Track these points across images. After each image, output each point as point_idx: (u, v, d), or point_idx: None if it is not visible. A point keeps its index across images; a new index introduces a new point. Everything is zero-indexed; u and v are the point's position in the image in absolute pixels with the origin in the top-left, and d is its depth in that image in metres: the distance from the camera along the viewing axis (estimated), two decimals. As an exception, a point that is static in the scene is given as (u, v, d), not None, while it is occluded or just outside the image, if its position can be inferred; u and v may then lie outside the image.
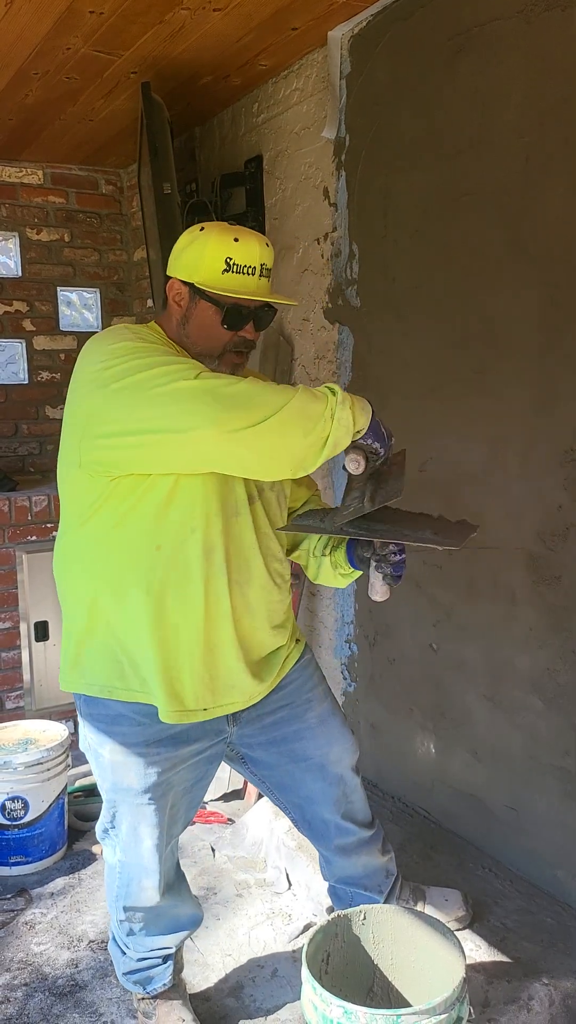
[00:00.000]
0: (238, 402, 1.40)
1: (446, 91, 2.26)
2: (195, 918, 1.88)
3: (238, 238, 1.58)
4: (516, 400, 2.15)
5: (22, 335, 3.89)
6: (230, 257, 1.57)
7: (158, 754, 1.65)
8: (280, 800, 1.91)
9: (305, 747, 1.81)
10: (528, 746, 2.21)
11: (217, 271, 1.57)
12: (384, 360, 2.60)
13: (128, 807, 1.69)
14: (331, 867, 1.96)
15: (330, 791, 1.85)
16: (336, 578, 1.80)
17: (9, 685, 3.29)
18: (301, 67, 2.82)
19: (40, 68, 2.73)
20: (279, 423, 1.39)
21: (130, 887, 1.75)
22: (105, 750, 1.67)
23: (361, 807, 1.92)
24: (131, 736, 1.65)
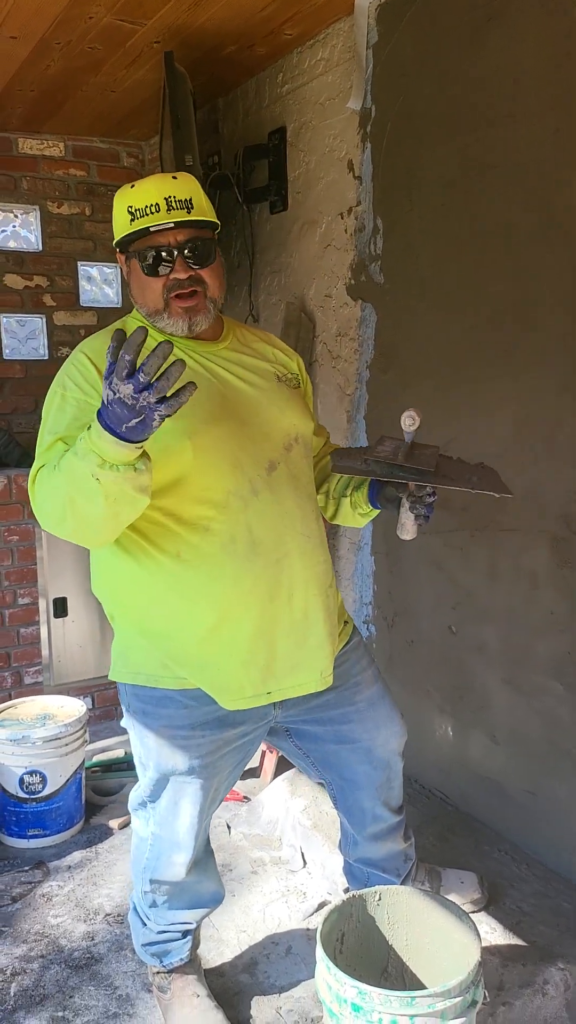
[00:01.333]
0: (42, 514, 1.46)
1: (475, 61, 2.20)
2: (217, 896, 1.88)
3: (135, 184, 1.57)
4: (542, 380, 2.11)
5: (42, 310, 3.87)
6: (130, 205, 1.56)
7: (203, 736, 1.64)
8: (323, 776, 1.88)
9: (352, 730, 1.78)
10: (547, 730, 2.19)
11: (126, 223, 1.56)
12: (407, 338, 2.56)
13: (172, 784, 1.69)
14: (355, 847, 1.94)
15: (374, 775, 1.82)
16: (355, 518, 1.77)
17: (28, 660, 3.31)
18: (327, 36, 2.76)
19: (62, 38, 2.69)
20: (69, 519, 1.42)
21: (160, 860, 1.75)
22: (150, 731, 1.66)
23: (398, 793, 1.90)
24: (178, 719, 1.64)
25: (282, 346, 1.82)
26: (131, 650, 1.67)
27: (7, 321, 3.81)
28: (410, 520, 1.61)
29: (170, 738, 1.64)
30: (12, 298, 3.80)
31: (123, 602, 1.66)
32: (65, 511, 1.40)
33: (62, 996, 1.93)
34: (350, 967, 1.61)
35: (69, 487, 1.37)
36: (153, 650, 1.63)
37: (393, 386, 2.63)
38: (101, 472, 1.31)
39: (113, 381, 1.24)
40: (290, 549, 1.60)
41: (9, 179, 3.75)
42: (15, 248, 3.81)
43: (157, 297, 1.58)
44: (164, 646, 1.62)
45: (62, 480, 1.38)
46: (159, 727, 1.65)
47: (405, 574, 2.66)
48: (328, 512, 1.83)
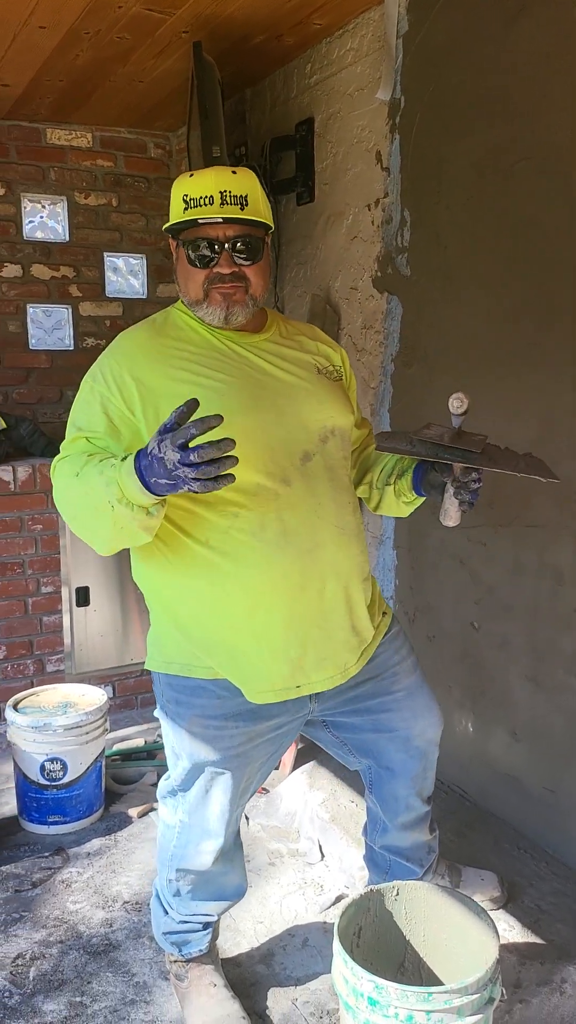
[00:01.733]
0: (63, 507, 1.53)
1: (506, 51, 2.17)
2: (240, 889, 1.88)
3: (193, 173, 1.59)
4: (565, 375, 2.08)
5: (68, 301, 3.89)
6: (186, 193, 1.57)
7: (236, 727, 1.65)
8: (360, 761, 1.88)
9: (391, 719, 1.78)
10: (569, 728, 2.17)
11: (180, 210, 1.58)
12: (433, 331, 2.54)
13: (204, 774, 1.70)
14: (383, 835, 1.94)
15: (411, 765, 1.83)
16: (399, 507, 1.75)
17: (50, 648, 3.33)
18: (356, 26, 2.74)
19: (91, 27, 2.69)
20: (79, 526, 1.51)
21: (187, 848, 1.76)
22: (184, 721, 1.67)
23: (431, 783, 1.91)
24: (210, 709, 1.64)
25: (326, 339, 1.83)
26: (165, 639, 1.68)
27: (33, 311, 3.82)
28: (454, 506, 1.59)
29: (203, 728, 1.65)
30: (39, 288, 3.82)
31: (157, 589, 1.67)
32: (76, 516, 1.52)
33: (80, 981, 1.95)
34: (367, 961, 1.61)
35: (84, 500, 1.45)
36: (185, 639, 1.64)
37: (417, 380, 2.62)
38: (117, 505, 1.39)
39: (166, 441, 1.29)
40: (323, 540, 1.60)
41: (37, 170, 3.76)
42: (42, 239, 3.82)
43: (198, 287, 1.59)
44: (195, 635, 1.62)
45: (79, 491, 1.46)
46: (192, 717, 1.65)
47: (427, 569, 2.65)
48: (372, 502, 1.82)
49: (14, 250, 3.75)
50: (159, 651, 1.69)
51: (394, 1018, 1.43)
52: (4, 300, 3.74)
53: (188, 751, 1.68)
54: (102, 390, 1.57)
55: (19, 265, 3.76)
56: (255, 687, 1.61)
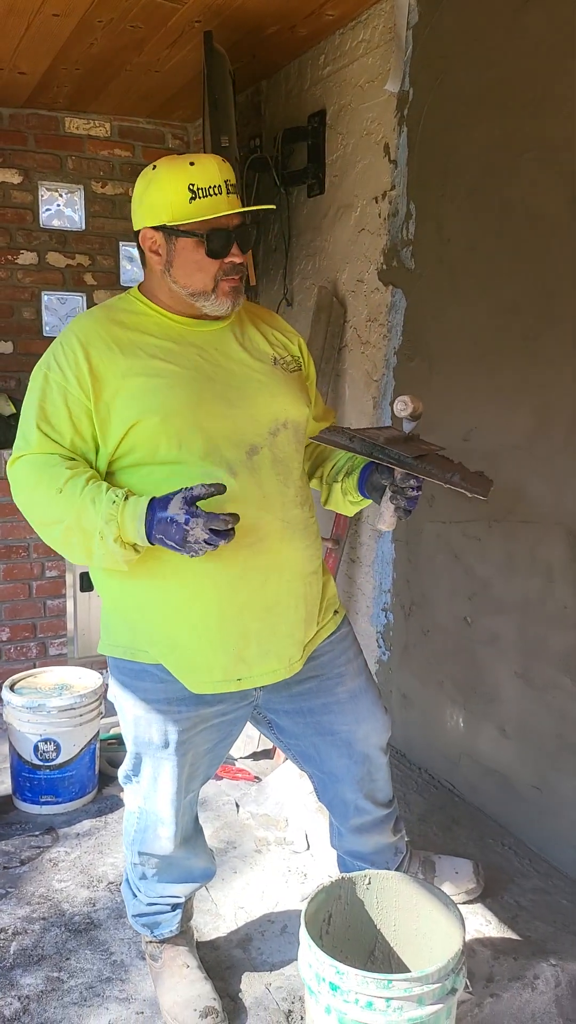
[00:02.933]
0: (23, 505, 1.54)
1: (513, 43, 2.16)
2: (208, 872, 1.90)
3: (193, 162, 1.54)
4: (565, 370, 2.07)
5: (83, 289, 3.92)
6: (192, 183, 1.52)
7: (179, 712, 1.65)
8: (304, 768, 1.89)
9: (332, 721, 1.76)
10: (557, 726, 2.16)
11: (184, 202, 1.53)
12: (435, 324, 2.53)
13: (149, 759, 1.71)
14: (341, 840, 1.95)
15: (355, 769, 1.80)
16: (345, 505, 1.75)
17: (54, 632, 3.37)
18: (368, 17, 2.74)
19: (104, 16, 2.71)
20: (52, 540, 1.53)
21: (146, 834, 1.78)
22: (128, 704, 1.68)
23: (383, 786, 1.87)
24: (153, 692, 1.65)
25: (284, 327, 1.79)
26: (111, 623, 1.69)
27: (48, 298, 3.86)
28: (389, 511, 1.59)
29: (146, 711, 1.66)
30: (54, 276, 3.86)
31: (104, 578, 1.67)
32: (51, 530, 1.52)
33: (59, 957, 1.98)
34: (336, 948, 1.62)
35: (67, 520, 1.49)
36: (128, 626, 1.65)
37: (419, 373, 2.61)
38: (109, 541, 1.45)
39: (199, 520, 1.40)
40: (267, 533, 1.58)
41: (55, 158, 3.80)
42: (59, 227, 3.86)
43: (208, 278, 1.57)
44: (135, 622, 1.63)
45: (62, 509, 1.49)
46: (136, 700, 1.66)
47: (423, 562, 2.64)
48: (322, 497, 1.81)
49: (30, 238, 3.79)
50: (107, 634, 1.70)
51: (354, 1003, 1.44)
52: (19, 287, 3.79)
53: (133, 735, 1.70)
54: (58, 379, 1.54)
55: (35, 253, 3.80)
56: (195, 678, 1.61)
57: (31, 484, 1.52)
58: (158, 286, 1.63)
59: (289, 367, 1.70)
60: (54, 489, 1.48)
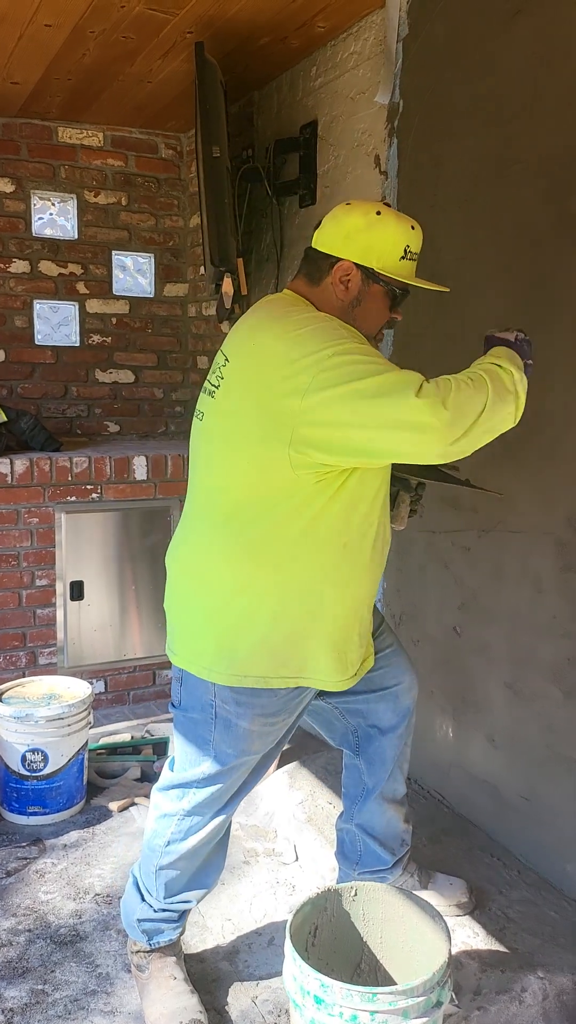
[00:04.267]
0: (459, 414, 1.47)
1: (502, 55, 2.17)
2: (218, 877, 1.92)
3: (414, 226, 1.67)
4: (554, 379, 2.07)
5: (76, 297, 3.92)
6: (408, 245, 1.65)
7: (283, 719, 1.75)
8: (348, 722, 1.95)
9: (383, 677, 1.90)
10: (545, 736, 2.15)
11: (396, 257, 1.64)
12: (426, 334, 2.53)
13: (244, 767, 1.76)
14: (362, 806, 1.98)
15: (397, 724, 1.93)
16: None
17: (43, 641, 3.36)
18: (359, 29, 2.75)
19: (96, 26, 2.72)
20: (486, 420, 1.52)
21: (190, 830, 1.78)
22: (244, 721, 1.69)
23: (408, 758, 2.01)
24: (270, 706, 1.70)
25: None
26: (239, 647, 1.65)
27: (40, 307, 3.87)
28: (406, 512, 1.85)
29: (260, 725, 1.71)
30: (46, 284, 3.86)
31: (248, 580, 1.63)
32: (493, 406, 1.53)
33: (44, 970, 1.96)
34: (322, 961, 1.61)
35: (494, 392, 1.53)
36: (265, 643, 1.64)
37: (410, 383, 2.61)
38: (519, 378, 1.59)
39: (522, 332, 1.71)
40: (385, 532, 1.75)
41: (48, 167, 3.80)
42: (51, 235, 3.86)
43: (379, 325, 1.72)
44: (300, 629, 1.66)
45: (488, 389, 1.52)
46: (252, 716, 1.69)
47: (413, 572, 2.64)
48: None
49: (23, 246, 3.79)
50: (229, 664, 1.65)
51: (339, 1017, 1.43)
52: (11, 295, 3.79)
53: (240, 748, 1.71)
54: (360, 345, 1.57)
55: (27, 261, 3.80)
56: (340, 677, 1.72)
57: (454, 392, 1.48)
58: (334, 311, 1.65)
59: None
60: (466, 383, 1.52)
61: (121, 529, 3.44)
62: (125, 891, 1.92)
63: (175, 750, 1.81)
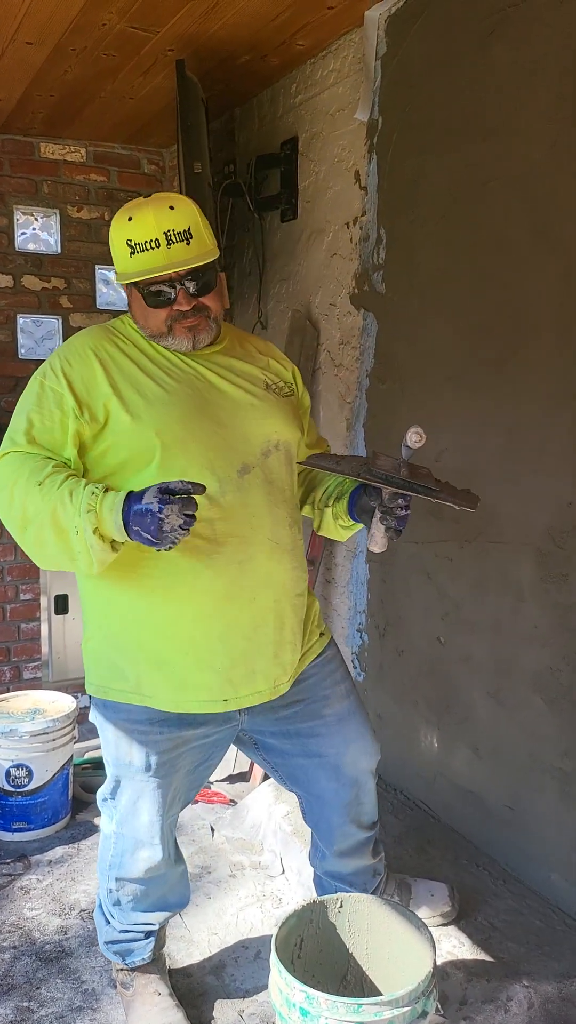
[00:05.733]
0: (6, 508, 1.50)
1: (478, 73, 2.20)
2: (183, 899, 1.89)
3: (132, 216, 1.57)
4: (534, 391, 2.10)
5: (59, 312, 3.93)
6: (129, 239, 1.56)
7: (161, 733, 1.65)
8: (292, 790, 1.89)
9: (319, 744, 1.76)
10: (529, 745, 2.17)
11: (126, 257, 1.59)
12: (406, 347, 2.56)
13: (129, 781, 1.70)
14: (323, 861, 1.93)
15: (342, 793, 1.80)
16: (337, 530, 1.78)
17: (28, 655, 3.35)
18: (339, 47, 2.79)
19: (77, 44, 2.74)
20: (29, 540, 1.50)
21: (123, 858, 1.76)
22: (110, 725, 1.68)
23: (369, 810, 1.87)
24: (136, 713, 1.65)
25: (279, 356, 1.85)
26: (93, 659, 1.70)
27: (23, 321, 3.87)
28: (380, 531, 1.60)
29: (128, 732, 1.65)
30: (29, 299, 3.86)
31: (91, 598, 1.69)
32: (26, 525, 1.49)
33: (29, 987, 1.95)
34: (308, 973, 1.61)
35: (44, 514, 1.46)
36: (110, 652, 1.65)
37: (391, 395, 2.64)
38: (86, 533, 1.42)
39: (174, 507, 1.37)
40: (255, 552, 1.60)
41: (30, 183, 3.81)
42: (34, 250, 3.87)
43: (160, 324, 1.62)
44: (120, 642, 1.63)
45: (39, 502, 1.46)
46: (118, 720, 1.66)
47: (397, 583, 2.65)
48: (314, 523, 1.84)
49: (5, 261, 3.79)
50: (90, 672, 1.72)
51: (324, 1029, 1.43)
52: (-6, 310, 3.79)
53: (115, 756, 1.69)
54: (54, 386, 1.58)
55: (10, 276, 3.81)
56: (181, 696, 1.61)
57: (10, 480, 1.50)
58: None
59: (282, 392, 1.75)
60: (34, 482, 1.47)
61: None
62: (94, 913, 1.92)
63: None
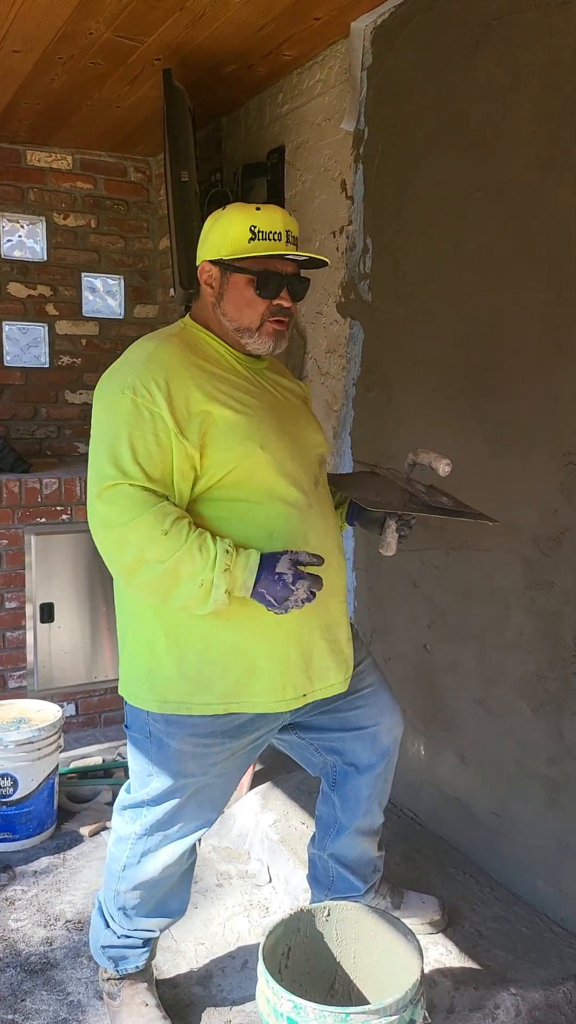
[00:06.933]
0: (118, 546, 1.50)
1: (463, 85, 2.22)
2: (182, 906, 1.89)
3: (260, 207, 1.64)
4: (518, 400, 2.11)
5: (45, 319, 3.92)
6: (254, 225, 1.61)
7: (223, 744, 1.68)
8: (326, 758, 1.90)
9: (359, 716, 1.84)
10: (515, 752, 2.17)
11: (243, 240, 1.61)
12: (392, 356, 2.57)
13: (185, 789, 1.71)
14: (335, 839, 1.94)
15: (375, 762, 1.87)
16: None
17: (13, 664, 3.32)
18: (325, 58, 2.80)
19: (64, 53, 2.74)
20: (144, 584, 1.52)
21: (143, 858, 1.76)
22: (175, 740, 1.67)
23: (388, 791, 1.95)
24: (203, 727, 1.66)
25: (289, 374, 1.91)
26: (157, 676, 1.65)
27: (9, 328, 3.86)
28: (395, 539, 1.79)
29: (193, 746, 1.67)
30: (15, 306, 3.86)
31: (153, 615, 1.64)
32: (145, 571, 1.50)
33: (14, 999, 1.93)
34: (295, 982, 1.60)
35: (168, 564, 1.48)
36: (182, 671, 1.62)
37: (377, 403, 2.65)
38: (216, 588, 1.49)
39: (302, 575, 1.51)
40: (330, 559, 1.67)
41: (16, 190, 3.81)
42: (20, 257, 3.86)
43: (256, 316, 1.64)
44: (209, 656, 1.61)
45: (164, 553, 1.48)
46: (183, 735, 1.66)
47: (383, 591, 2.66)
48: None
49: (-9, 268, 3.79)
50: (150, 689, 1.66)
51: (312, 1038, 1.42)
52: (-21, 317, 3.78)
53: (174, 769, 1.69)
54: (148, 404, 1.53)
55: (-4, 283, 3.80)
56: (270, 698, 1.65)
57: (127, 518, 1.48)
58: (210, 317, 1.69)
59: (310, 407, 1.86)
60: (159, 530, 1.48)
61: (91, 550, 3.40)
62: (91, 915, 1.91)
63: (130, 772, 1.81)
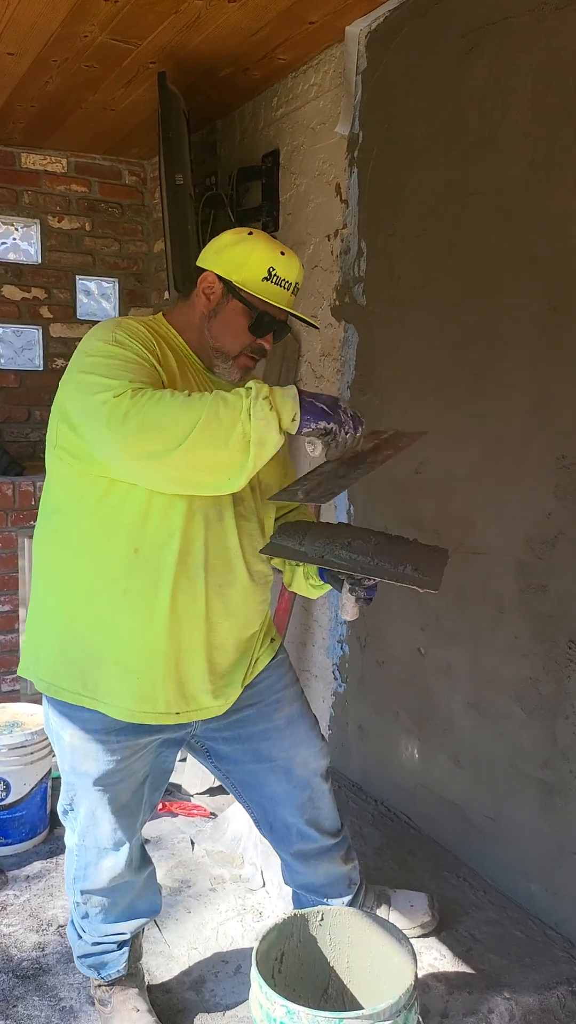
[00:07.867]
0: (148, 427, 1.37)
1: (458, 89, 2.23)
2: (154, 906, 1.88)
3: (284, 252, 1.64)
4: (512, 403, 2.12)
5: (39, 322, 3.92)
6: (273, 268, 1.61)
7: (118, 742, 1.65)
8: (243, 797, 1.89)
9: (270, 747, 1.79)
10: (509, 755, 2.17)
11: (258, 276, 1.60)
12: (387, 359, 2.57)
13: (86, 791, 1.69)
14: (291, 873, 1.93)
15: (295, 794, 1.82)
16: (308, 588, 1.81)
17: (5, 668, 3.31)
18: (320, 62, 2.81)
19: (59, 55, 2.74)
20: (192, 444, 1.36)
21: (87, 870, 1.75)
22: (66, 734, 1.66)
23: (328, 814, 1.89)
24: (92, 722, 1.63)
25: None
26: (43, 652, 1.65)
27: (3, 331, 3.85)
28: (350, 601, 1.64)
29: (83, 741, 1.64)
30: (9, 309, 3.85)
31: (61, 582, 1.62)
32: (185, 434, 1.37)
33: (6, 1005, 1.92)
34: (289, 988, 1.60)
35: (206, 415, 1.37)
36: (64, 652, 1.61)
37: (372, 407, 2.65)
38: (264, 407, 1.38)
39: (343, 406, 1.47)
40: (235, 580, 1.63)
41: (11, 192, 3.81)
42: (14, 260, 3.86)
43: (238, 347, 1.64)
44: (87, 642, 1.59)
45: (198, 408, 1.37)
46: (74, 730, 1.65)
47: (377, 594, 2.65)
48: (285, 578, 1.86)
49: (-15, 271, 3.78)
50: (36, 666, 1.66)
51: (305, 1044, 1.42)
52: (-26, 320, 3.77)
53: (70, 764, 1.68)
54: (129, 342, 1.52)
55: (-10, 286, 3.80)
56: (138, 706, 1.60)
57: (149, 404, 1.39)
58: (192, 325, 1.66)
59: None
60: (178, 399, 1.39)
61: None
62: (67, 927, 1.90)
63: None
